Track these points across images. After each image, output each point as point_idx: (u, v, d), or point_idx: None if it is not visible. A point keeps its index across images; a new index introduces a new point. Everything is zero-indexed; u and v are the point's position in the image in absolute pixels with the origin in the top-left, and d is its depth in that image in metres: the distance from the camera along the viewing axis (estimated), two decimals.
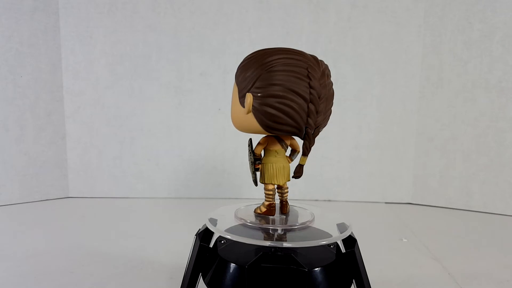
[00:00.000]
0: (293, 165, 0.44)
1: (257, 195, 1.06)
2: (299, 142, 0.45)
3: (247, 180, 1.07)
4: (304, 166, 0.43)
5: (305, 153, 0.41)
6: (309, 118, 0.39)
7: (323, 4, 1.01)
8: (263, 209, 0.45)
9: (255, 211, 0.46)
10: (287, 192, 0.46)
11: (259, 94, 0.40)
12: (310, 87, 0.39)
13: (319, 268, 0.40)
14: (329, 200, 1.08)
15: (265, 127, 0.41)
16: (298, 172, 0.43)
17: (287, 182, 0.46)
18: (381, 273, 0.62)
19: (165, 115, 1.05)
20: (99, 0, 1.00)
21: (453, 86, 1.00)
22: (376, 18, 1.01)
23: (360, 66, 1.03)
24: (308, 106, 0.39)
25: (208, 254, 0.45)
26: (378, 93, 1.04)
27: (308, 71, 0.39)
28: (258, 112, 0.40)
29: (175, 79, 1.04)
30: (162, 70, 1.03)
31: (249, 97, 0.40)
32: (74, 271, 0.61)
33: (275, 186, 0.45)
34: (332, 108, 0.43)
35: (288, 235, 0.42)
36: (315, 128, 0.40)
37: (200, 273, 0.45)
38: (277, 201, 0.46)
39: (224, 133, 1.06)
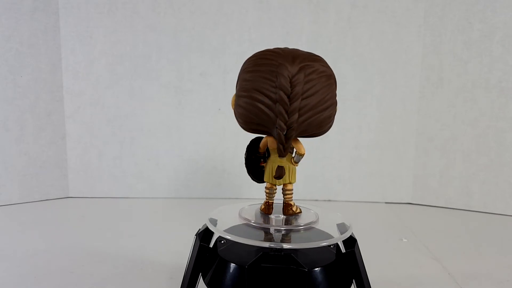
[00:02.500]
0: (300, 167, 0.44)
1: (257, 195, 1.06)
2: (304, 144, 0.45)
3: (247, 180, 1.06)
4: (283, 167, 0.42)
5: (279, 154, 0.40)
6: (277, 119, 0.38)
7: (323, 4, 1.01)
8: (262, 207, 0.46)
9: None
10: (288, 193, 0.45)
11: (237, 95, 0.42)
12: (277, 86, 0.38)
13: (319, 268, 0.40)
14: (329, 200, 1.08)
15: (242, 126, 0.43)
16: (276, 173, 0.42)
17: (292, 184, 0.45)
18: (381, 273, 0.62)
19: (165, 115, 1.05)
20: (99, 0, 1.00)
21: (453, 86, 1.00)
22: (376, 18, 1.01)
23: (360, 66, 1.03)
24: (276, 106, 0.38)
25: (208, 254, 0.45)
26: (378, 93, 1.04)
27: (277, 70, 0.38)
28: (235, 111, 0.42)
29: (175, 79, 1.04)
30: (162, 70, 1.03)
31: (232, 98, 0.43)
32: (74, 271, 0.61)
33: (274, 185, 0.45)
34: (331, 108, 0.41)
35: (289, 236, 0.42)
36: (287, 129, 0.38)
37: (200, 273, 0.45)
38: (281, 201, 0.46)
39: (224, 133, 1.06)
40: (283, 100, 0.38)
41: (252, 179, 0.47)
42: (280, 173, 0.42)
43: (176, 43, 1.02)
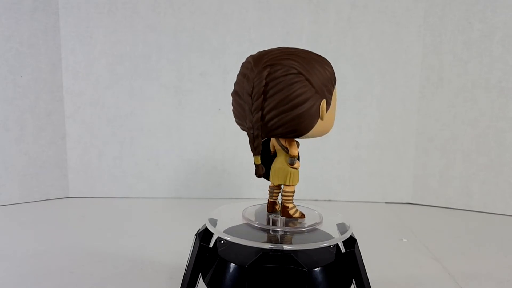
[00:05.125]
0: (300, 167, 0.44)
1: (257, 195, 1.06)
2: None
3: (247, 180, 1.07)
4: (259, 165, 0.43)
5: (252, 152, 0.42)
6: (246, 118, 0.40)
7: (323, 4, 1.01)
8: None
9: None
10: (284, 195, 0.44)
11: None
12: (244, 87, 0.40)
13: (319, 268, 0.40)
14: (329, 200, 1.08)
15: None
16: (255, 169, 0.43)
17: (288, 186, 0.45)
18: (381, 273, 0.63)
19: (165, 115, 1.05)
20: (99, 0, 1.00)
21: (453, 86, 1.00)
22: (376, 18, 1.01)
23: (360, 66, 1.03)
24: (245, 107, 0.40)
25: (208, 254, 0.45)
26: (378, 93, 1.04)
27: (248, 72, 0.40)
28: None
29: (175, 79, 1.04)
30: (162, 70, 1.03)
31: None
32: (74, 271, 0.61)
33: (274, 184, 0.45)
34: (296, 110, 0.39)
35: (289, 236, 0.42)
36: (252, 128, 0.40)
37: (200, 273, 0.45)
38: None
39: (224, 133, 1.06)
40: (247, 100, 0.40)
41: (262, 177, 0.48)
42: (256, 171, 0.43)
43: (176, 43, 1.02)
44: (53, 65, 1.01)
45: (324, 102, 0.40)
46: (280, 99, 0.38)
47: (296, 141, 0.44)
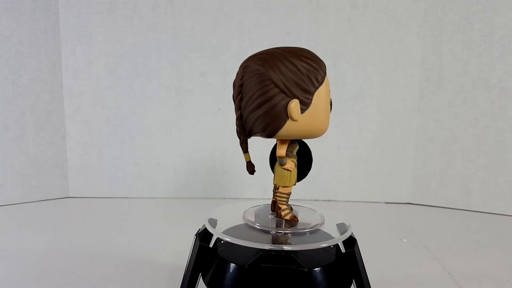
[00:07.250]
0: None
1: (257, 195, 1.06)
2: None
3: (247, 180, 1.07)
4: (248, 162, 0.45)
5: (242, 149, 0.44)
6: None
7: (323, 4, 1.01)
8: None
9: None
10: (279, 196, 0.45)
11: None
12: None
13: (319, 268, 0.40)
14: (329, 200, 1.08)
15: None
16: (246, 166, 0.45)
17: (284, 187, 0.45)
18: (381, 273, 0.63)
19: (165, 115, 1.05)
20: (99, 0, 1.00)
21: (453, 86, 1.00)
22: (376, 18, 1.01)
23: (360, 66, 1.03)
24: None
25: (208, 254, 0.45)
26: (378, 93, 1.04)
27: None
28: None
29: (175, 79, 1.04)
30: (162, 70, 1.03)
31: None
32: (74, 271, 0.61)
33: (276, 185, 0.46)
34: (259, 110, 0.40)
35: (289, 237, 0.42)
36: (236, 126, 0.42)
37: (200, 273, 0.45)
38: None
39: (224, 133, 1.06)
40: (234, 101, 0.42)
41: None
42: (246, 167, 0.45)
43: (176, 43, 1.02)
44: (53, 65, 1.01)
45: (294, 102, 0.39)
46: (248, 98, 0.40)
47: (298, 142, 0.45)
